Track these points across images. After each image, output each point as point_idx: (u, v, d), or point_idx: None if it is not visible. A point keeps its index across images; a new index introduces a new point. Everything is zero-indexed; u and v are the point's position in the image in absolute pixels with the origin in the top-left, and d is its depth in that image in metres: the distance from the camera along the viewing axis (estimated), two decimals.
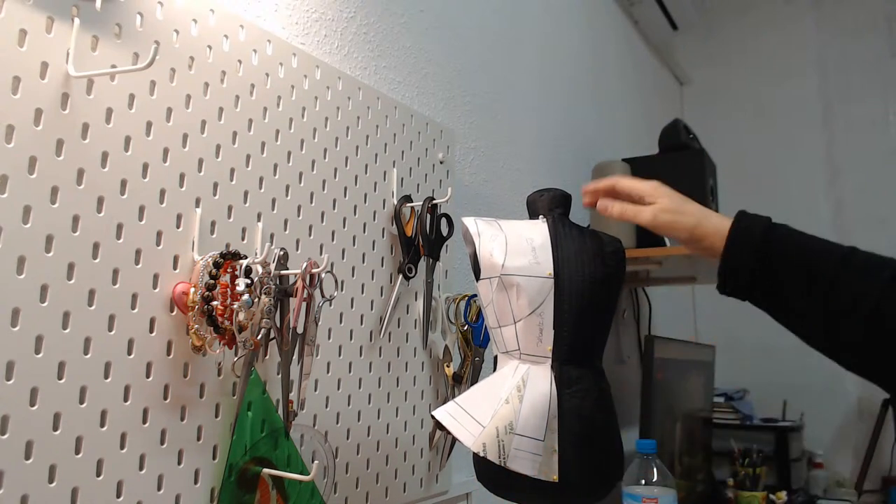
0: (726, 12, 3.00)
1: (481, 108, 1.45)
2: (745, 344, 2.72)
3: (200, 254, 0.76)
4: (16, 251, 0.60)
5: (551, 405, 0.79)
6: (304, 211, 0.91)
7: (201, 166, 0.78)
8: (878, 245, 2.81)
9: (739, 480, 1.94)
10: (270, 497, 0.80)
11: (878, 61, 2.67)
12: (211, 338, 0.73)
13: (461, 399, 0.82)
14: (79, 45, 0.66)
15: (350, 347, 0.97)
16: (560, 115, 1.85)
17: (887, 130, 2.63)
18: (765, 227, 0.75)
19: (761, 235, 0.74)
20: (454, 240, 1.16)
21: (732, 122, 2.89)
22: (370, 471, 0.99)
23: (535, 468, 0.77)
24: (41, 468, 0.61)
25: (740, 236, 0.74)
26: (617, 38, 2.36)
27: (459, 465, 1.21)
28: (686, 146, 1.94)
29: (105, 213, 0.67)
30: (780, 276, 0.72)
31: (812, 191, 2.72)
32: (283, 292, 0.80)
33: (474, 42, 1.45)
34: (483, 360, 1.15)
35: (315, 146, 0.94)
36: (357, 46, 1.11)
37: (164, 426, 0.71)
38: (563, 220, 0.88)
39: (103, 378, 0.66)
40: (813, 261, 0.72)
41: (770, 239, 0.74)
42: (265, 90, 0.86)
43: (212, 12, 0.80)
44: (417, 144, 1.14)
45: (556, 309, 0.81)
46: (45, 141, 0.63)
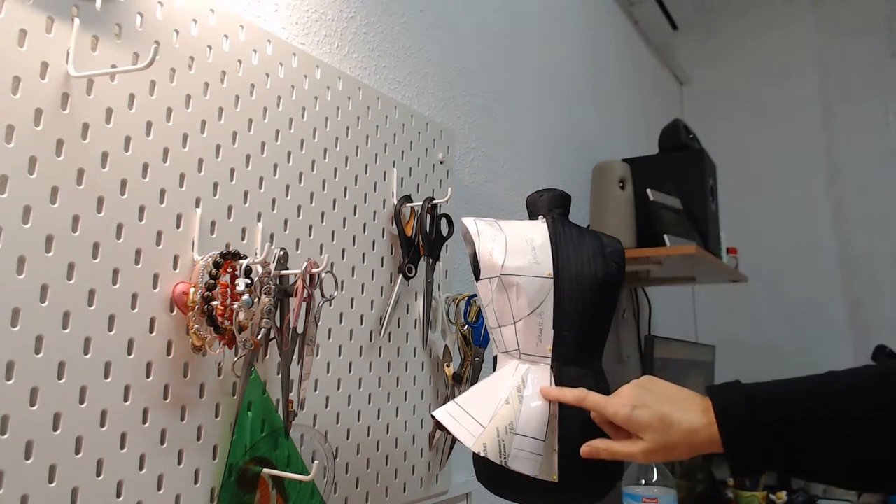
0: (726, 12, 3.00)
1: (481, 108, 1.45)
2: (745, 344, 2.73)
3: (200, 254, 0.76)
4: (16, 251, 0.60)
5: (551, 405, 0.79)
6: (304, 211, 0.91)
7: (201, 166, 0.78)
8: (879, 245, 2.82)
9: (739, 480, 1.94)
10: (270, 497, 0.80)
11: (878, 61, 2.67)
12: (211, 338, 0.73)
13: (461, 399, 0.82)
14: (79, 45, 0.66)
15: (350, 347, 0.97)
16: (560, 115, 1.85)
17: (887, 130, 2.63)
18: (743, 401, 0.69)
19: (747, 411, 0.68)
20: (454, 240, 1.16)
21: (732, 122, 2.89)
22: (370, 471, 0.99)
23: (535, 468, 0.77)
24: (41, 468, 0.61)
25: (734, 436, 0.68)
26: (617, 38, 2.36)
27: (459, 465, 1.21)
28: (686, 146, 1.94)
29: (105, 213, 0.67)
30: (789, 441, 0.67)
31: (812, 191, 2.72)
32: (283, 292, 0.80)
33: (474, 42, 1.45)
34: (483, 360, 1.15)
35: (315, 146, 0.94)
36: (357, 46, 1.11)
37: (164, 426, 0.71)
38: (563, 221, 0.88)
39: (103, 378, 0.66)
40: (811, 408, 0.67)
41: (756, 407, 0.69)
42: (265, 90, 0.86)
43: (212, 12, 0.80)
44: (417, 144, 1.14)
45: (556, 309, 0.81)
46: (45, 141, 0.63)
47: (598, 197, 1.77)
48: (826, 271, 2.66)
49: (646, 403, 0.72)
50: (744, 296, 2.69)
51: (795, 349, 2.65)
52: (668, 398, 0.73)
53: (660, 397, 0.73)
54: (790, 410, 0.67)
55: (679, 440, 0.70)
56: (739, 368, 2.66)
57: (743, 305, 2.76)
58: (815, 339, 2.63)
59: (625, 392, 0.75)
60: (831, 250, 2.66)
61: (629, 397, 0.73)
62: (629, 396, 0.73)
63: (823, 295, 2.64)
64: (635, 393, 0.74)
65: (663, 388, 0.75)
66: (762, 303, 2.73)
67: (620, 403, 0.73)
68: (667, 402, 0.72)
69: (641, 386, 0.75)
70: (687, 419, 0.70)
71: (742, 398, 0.69)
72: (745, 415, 0.68)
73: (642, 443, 0.71)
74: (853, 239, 2.63)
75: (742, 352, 2.70)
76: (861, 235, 2.62)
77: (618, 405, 0.73)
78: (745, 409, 0.68)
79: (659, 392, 0.74)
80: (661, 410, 0.71)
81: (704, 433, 0.69)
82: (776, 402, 0.68)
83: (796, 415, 0.67)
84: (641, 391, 0.74)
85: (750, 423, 0.67)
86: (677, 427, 0.70)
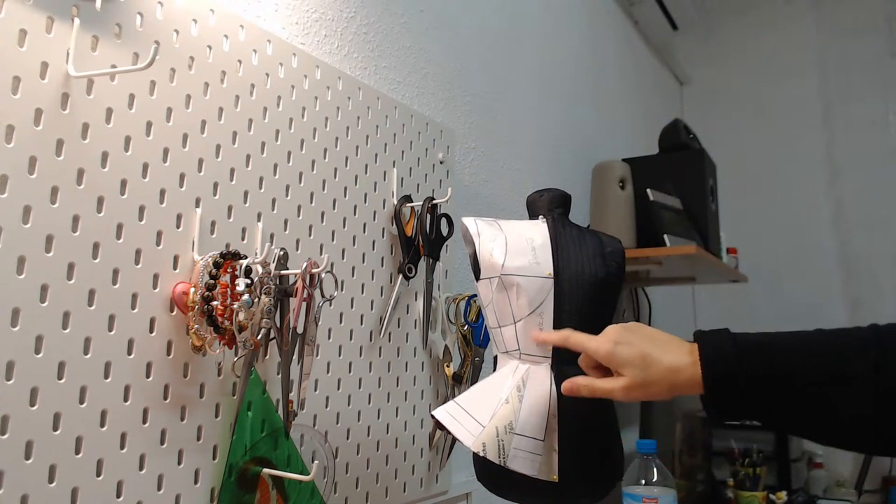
0: (726, 12, 3.00)
1: (481, 108, 1.45)
2: None
3: (200, 254, 0.76)
4: (16, 251, 0.60)
5: (551, 405, 0.79)
6: (304, 211, 0.91)
7: (201, 166, 0.78)
8: (879, 245, 2.82)
9: (739, 480, 1.94)
10: (270, 497, 0.80)
11: (878, 61, 2.67)
12: (211, 338, 0.73)
13: (461, 399, 0.82)
14: (79, 45, 0.66)
15: (350, 347, 0.97)
16: (560, 115, 1.85)
17: (887, 130, 2.63)
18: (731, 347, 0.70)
19: (734, 357, 0.69)
20: (454, 240, 1.16)
21: (732, 122, 2.90)
22: (370, 471, 0.99)
23: (534, 468, 0.77)
24: (41, 468, 0.61)
25: (716, 378, 0.68)
26: (617, 38, 2.36)
27: (459, 465, 1.21)
28: (686, 146, 1.94)
29: (105, 213, 0.67)
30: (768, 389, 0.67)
31: (812, 191, 2.72)
32: (283, 292, 0.80)
33: (474, 42, 1.45)
34: (483, 360, 1.15)
35: (315, 146, 0.94)
36: (357, 46, 1.11)
37: (164, 426, 0.71)
38: (563, 220, 0.88)
39: (103, 378, 0.66)
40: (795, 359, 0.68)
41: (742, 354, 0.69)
42: (265, 90, 0.86)
43: (212, 12, 0.80)
44: (417, 144, 1.14)
45: (556, 309, 0.81)
46: (45, 141, 0.63)
47: (598, 197, 1.77)
48: (826, 271, 2.66)
49: (629, 341, 0.72)
50: (744, 296, 2.69)
51: None
52: (653, 339, 0.73)
53: (644, 338, 0.73)
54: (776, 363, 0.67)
55: (659, 377, 0.70)
56: None
57: (743, 305, 2.76)
58: None
59: (609, 331, 0.75)
60: (831, 250, 2.66)
61: (613, 335, 0.73)
62: (613, 334, 0.73)
63: (823, 295, 2.64)
64: (619, 331, 0.74)
65: (650, 331, 0.75)
66: (762, 303, 2.72)
67: (603, 340, 0.73)
68: (650, 342, 0.72)
69: (627, 327, 0.75)
70: (668, 358, 0.70)
71: (730, 344, 0.69)
72: (730, 360, 0.68)
73: (622, 379, 0.71)
74: (853, 239, 2.63)
75: None
76: (861, 235, 2.62)
77: (601, 340, 0.73)
78: (732, 355, 0.68)
79: (645, 333, 0.74)
80: (643, 348, 0.71)
81: (687, 372, 0.69)
82: (763, 352, 0.68)
83: (781, 368, 0.67)
84: (626, 331, 0.74)
85: (735, 368, 0.67)
86: (658, 365, 0.70)
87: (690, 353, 0.70)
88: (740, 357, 0.68)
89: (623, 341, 0.72)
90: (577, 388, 0.75)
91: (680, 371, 0.69)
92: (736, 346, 0.69)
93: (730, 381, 0.67)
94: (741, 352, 0.68)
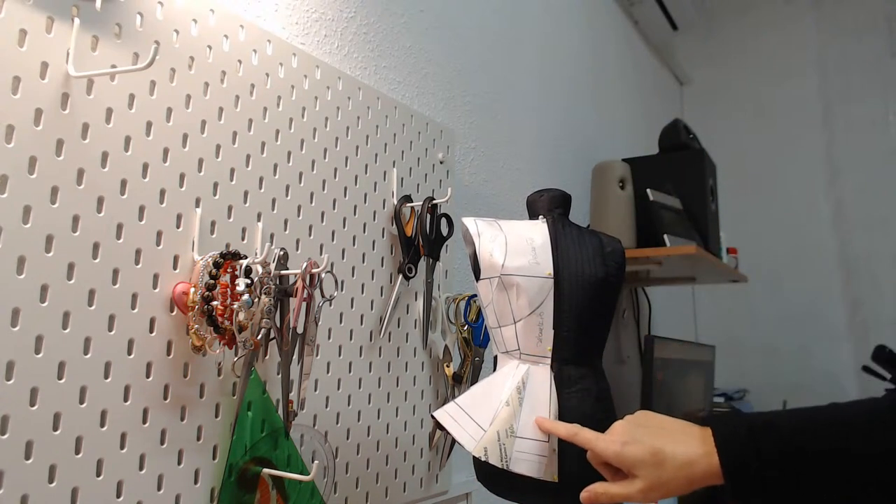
0: (726, 12, 3.00)
1: (481, 108, 1.45)
2: (745, 344, 2.73)
3: (200, 254, 0.76)
4: (16, 251, 0.60)
5: (551, 405, 0.79)
6: (304, 211, 0.91)
7: (201, 166, 0.78)
8: (879, 245, 2.82)
9: None
10: (270, 497, 0.80)
11: (878, 61, 2.67)
12: (211, 338, 0.73)
13: (461, 400, 0.82)
14: (79, 45, 0.66)
15: (350, 347, 0.97)
16: (560, 115, 1.85)
17: (887, 130, 2.63)
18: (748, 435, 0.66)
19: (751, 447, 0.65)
20: (454, 240, 1.16)
21: (732, 122, 2.90)
22: (370, 471, 0.99)
23: (537, 469, 0.77)
24: (41, 468, 0.61)
25: (735, 466, 0.65)
26: (617, 38, 2.36)
27: (459, 465, 1.21)
28: (686, 146, 1.94)
29: (105, 213, 0.67)
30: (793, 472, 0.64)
31: (812, 191, 2.72)
32: (283, 292, 0.80)
33: (474, 42, 1.45)
34: (483, 360, 1.15)
35: (315, 146, 0.94)
36: (357, 46, 1.11)
37: (164, 426, 0.71)
38: (563, 220, 0.88)
39: (103, 378, 0.66)
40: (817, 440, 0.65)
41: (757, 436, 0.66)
42: (265, 90, 0.86)
43: (212, 12, 0.80)
44: (417, 144, 1.14)
45: (556, 309, 0.81)
46: (45, 141, 0.63)
47: (598, 197, 1.77)
48: (826, 271, 2.66)
49: (637, 438, 0.69)
50: (744, 296, 2.69)
51: (795, 349, 2.65)
52: (662, 431, 0.70)
53: (653, 431, 0.70)
54: (794, 442, 0.64)
55: (674, 474, 0.66)
56: (739, 368, 2.68)
57: (743, 305, 2.76)
58: (815, 339, 2.63)
59: (616, 428, 0.71)
60: (831, 250, 2.66)
61: (620, 433, 0.70)
62: (620, 432, 0.70)
63: (823, 295, 2.65)
64: (627, 428, 0.71)
65: (658, 421, 0.72)
66: (762, 303, 2.73)
67: (610, 440, 0.70)
68: (660, 436, 0.69)
69: (634, 421, 0.72)
70: (681, 451, 0.67)
71: (744, 428, 0.66)
72: (747, 444, 0.65)
73: (637, 481, 0.67)
74: (853, 239, 2.63)
75: (742, 352, 2.70)
76: (861, 235, 2.62)
77: (608, 441, 0.70)
78: (747, 439, 0.65)
79: (653, 425, 0.71)
80: (652, 445, 0.68)
81: (702, 464, 0.66)
82: (779, 432, 0.65)
83: (799, 447, 0.64)
84: (633, 426, 0.71)
85: (752, 452, 0.64)
86: (671, 461, 0.66)
87: (704, 442, 0.67)
88: (756, 440, 0.65)
89: (631, 440, 0.69)
90: (595, 496, 0.71)
91: (694, 464, 0.66)
92: (749, 429, 0.66)
93: (749, 465, 0.64)
94: (756, 435, 0.65)
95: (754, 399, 2.62)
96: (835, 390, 2.51)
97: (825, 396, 2.73)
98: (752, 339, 2.74)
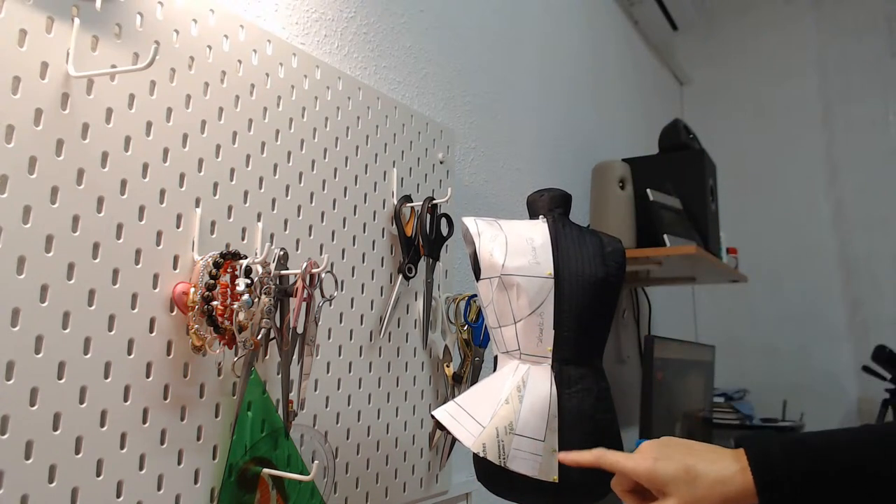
0: (726, 12, 3.00)
1: (481, 108, 1.45)
2: (745, 344, 2.73)
3: (200, 254, 0.76)
4: (16, 251, 0.60)
5: (551, 405, 0.79)
6: (304, 211, 0.91)
7: (201, 166, 0.78)
8: (879, 245, 2.81)
9: None
10: (270, 497, 0.80)
11: (878, 61, 2.67)
12: (211, 338, 0.73)
13: (461, 399, 0.82)
14: (79, 45, 0.66)
15: (350, 347, 0.97)
16: (560, 115, 1.85)
17: (887, 130, 2.63)
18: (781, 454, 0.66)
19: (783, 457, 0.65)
20: (454, 240, 1.16)
21: (732, 122, 2.90)
22: (370, 471, 0.99)
23: (535, 468, 0.77)
24: (41, 468, 0.61)
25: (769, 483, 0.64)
26: (617, 38, 2.36)
27: (459, 465, 1.21)
28: (686, 146, 1.94)
29: (105, 213, 0.67)
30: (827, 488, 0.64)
31: (812, 191, 2.72)
32: (283, 292, 0.80)
33: (474, 42, 1.45)
34: (483, 360, 1.15)
35: (315, 146, 0.94)
36: (357, 46, 1.11)
37: (164, 426, 0.71)
38: (563, 220, 0.88)
39: (103, 378, 0.66)
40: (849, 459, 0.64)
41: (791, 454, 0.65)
42: (265, 90, 0.86)
43: (212, 12, 0.80)
44: (417, 144, 1.14)
45: (556, 309, 0.81)
46: (45, 141, 0.63)
47: (598, 197, 1.77)
48: (826, 271, 2.66)
49: (668, 456, 0.68)
50: (744, 296, 2.69)
51: (795, 349, 2.65)
52: (692, 451, 0.69)
53: (683, 450, 0.69)
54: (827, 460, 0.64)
55: (708, 492, 0.65)
56: (739, 368, 2.68)
57: (743, 305, 2.76)
58: (815, 339, 2.63)
59: (645, 447, 0.70)
60: (831, 250, 2.66)
61: (650, 451, 0.69)
62: (650, 450, 0.69)
63: (823, 295, 2.65)
64: (656, 447, 0.69)
65: (686, 443, 0.71)
66: (762, 303, 2.73)
67: (641, 457, 0.69)
68: (691, 455, 0.68)
69: (662, 442, 0.71)
70: (714, 469, 0.66)
71: (777, 446, 0.66)
72: (780, 462, 0.64)
73: (671, 500, 0.66)
74: (853, 239, 2.63)
75: (742, 352, 2.70)
76: (861, 235, 2.62)
77: (638, 459, 0.69)
78: (781, 457, 0.65)
79: (682, 446, 0.70)
80: (685, 462, 0.67)
81: (737, 481, 0.65)
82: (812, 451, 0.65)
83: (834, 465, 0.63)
84: (663, 446, 0.70)
85: (786, 470, 0.64)
86: (705, 478, 0.65)
87: (736, 460, 0.66)
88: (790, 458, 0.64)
89: (662, 457, 0.67)
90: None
91: (728, 481, 0.65)
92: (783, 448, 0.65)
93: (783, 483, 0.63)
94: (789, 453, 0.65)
95: (754, 399, 2.62)
96: (835, 390, 2.51)
97: (825, 396, 2.74)
98: (752, 339, 2.74)
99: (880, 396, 2.22)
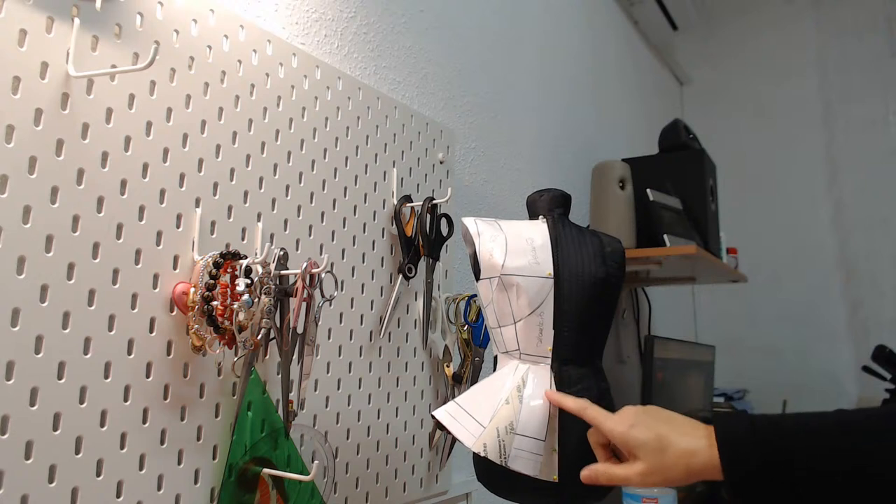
0: (726, 12, 3.00)
1: (481, 108, 1.45)
2: (745, 344, 2.73)
3: (200, 254, 0.76)
4: (16, 251, 0.60)
5: (551, 405, 0.79)
6: (304, 211, 0.91)
7: (201, 166, 0.78)
8: (879, 245, 2.81)
9: None
10: (270, 497, 0.80)
11: (878, 61, 2.68)
12: (211, 338, 0.73)
13: (461, 399, 0.82)
14: (79, 45, 0.66)
15: (350, 347, 0.97)
16: (560, 115, 1.85)
17: (887, 130, 2.63)
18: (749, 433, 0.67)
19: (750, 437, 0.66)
20: (454, 240, 1.16)
21: (732, 122, 2.90)
22: (370, 471, 0.99)
23: (535, 468, 0.77)
24: (41, 468, 0.61)
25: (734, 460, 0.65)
26: (617, 38, 2.36)
27: (459, 465, 1.21)
28: (686, 146, 1.94)
29: (105, 213, 0.67)
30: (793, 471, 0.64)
31: (812, 191, 2.72)
32: (283, 292, 0.80)
33: (474, 42, 1.45)
34: (483, 360, 1.15)
35: (315, 146, 0.94)
36: (357, 46, 1.11)
37: (164, 426, 0.71)
38: (563, 221, 0.88)
39: (103, 378, 0.66)
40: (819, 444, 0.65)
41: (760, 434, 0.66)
42: (265, 90, 0.86)
43: (212, 12, 0.80)
44: (417, 144, 1.14)
45: (556, 309, 0.81)
46: (45, 141, 0.63)
47: (598, 197, 1.77)
48: (826, 271, 2.66)
49: (645, 423, 0.70)
50: (744, 296, 2.69)
51: (795, 349, 2.65)
52: (670, 421, 0.71)
53: (661, 420, 0.71)
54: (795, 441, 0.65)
55: (675, 461, 0.68)
56: (739, 368, 2.68)
57: (743, 305, 2.76)
58: (815, 339, 2.63)
59: (627, 410, 0.73)
60: (831, 250, 2.67)
61: (630, 417, 0.72)
62: (630, 416, 0.72)
63: (823, 295, 2.65)
64: (636, 413, 0.72)
65: (667, 414, 0.73)
66: (762, 303, 2.73)
67: (619, 420, 0.72)
68: (666, 425, 0.70)
69: (645, 409, 0.73)
70: (685, 441, 0.68)
71: (747, 426, 0.67)
72: (747, 442, 0.66)
73: (638, 464, 0.69)
74: (853, 239, 2.63)
75: (742, 352, 2.70)
76: (861, 235, 2.62)
77: (616, 421, 0.72)
78: (749, 436, 0.66)
79: (662, 416, 0.72)
80: (659, 430, 0.69)
81: (703, 455, 0.67)
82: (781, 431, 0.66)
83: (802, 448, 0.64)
84: (643, 413, 0.72)
85: (753, 450, 0.65)
86: (674, 448, 0.68)
87: (707, 437, 0.68)
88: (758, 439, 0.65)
89: (639, 423, 0.70)
90: (595, 476, 0.72)
91: (696, 454, 0.67)
92: (752, 428, 0.66)
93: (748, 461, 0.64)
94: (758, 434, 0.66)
95: (754, 399, 2.62)
96: (835, 390, 2.51)
97: (825, 396, 2.74)
98: (752, 339, 2.74)
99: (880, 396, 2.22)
